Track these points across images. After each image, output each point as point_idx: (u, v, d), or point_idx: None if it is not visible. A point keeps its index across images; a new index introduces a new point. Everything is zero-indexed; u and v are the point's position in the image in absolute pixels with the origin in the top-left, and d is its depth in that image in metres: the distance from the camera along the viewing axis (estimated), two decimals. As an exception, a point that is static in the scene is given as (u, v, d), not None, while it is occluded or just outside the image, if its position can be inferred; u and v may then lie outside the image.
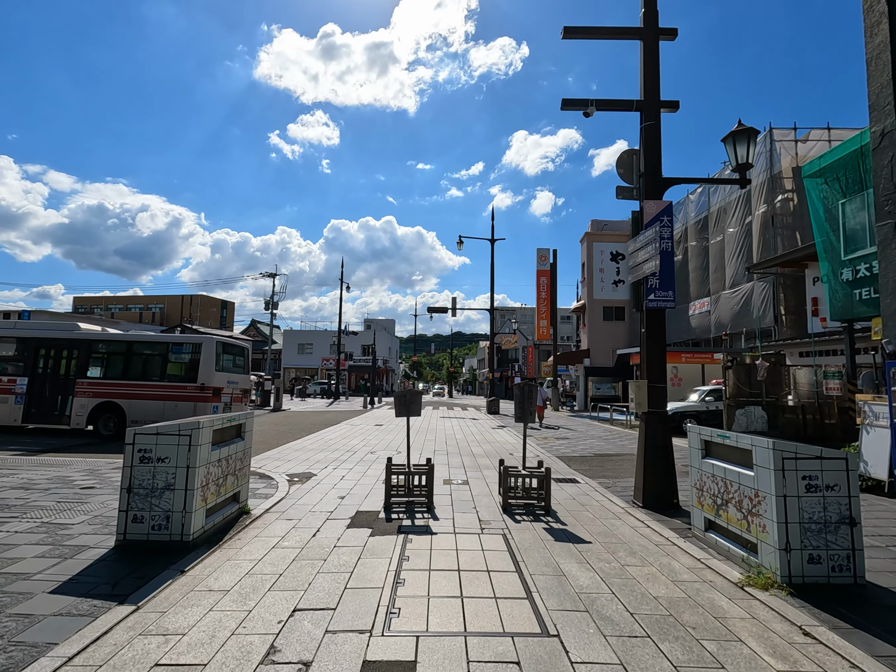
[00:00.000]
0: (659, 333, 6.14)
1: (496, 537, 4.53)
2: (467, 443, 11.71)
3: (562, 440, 12.67)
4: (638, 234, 6.27)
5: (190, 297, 79.60)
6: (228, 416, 4.75)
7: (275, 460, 8.60)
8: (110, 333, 12.29)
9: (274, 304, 51.53)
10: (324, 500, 5.78)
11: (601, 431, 15.02)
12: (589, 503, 5.98)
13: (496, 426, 16.70)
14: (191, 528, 4.05)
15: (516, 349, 60.17)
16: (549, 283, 27.15)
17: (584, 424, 17.60)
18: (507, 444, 11.56)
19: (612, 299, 28.02)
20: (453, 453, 9.87)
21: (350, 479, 7.12)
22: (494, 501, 5.90)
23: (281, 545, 4.21)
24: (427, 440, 12.07)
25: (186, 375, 11.52)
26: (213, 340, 11.78)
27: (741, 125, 6.30)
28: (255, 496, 5.92)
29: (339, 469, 7.87)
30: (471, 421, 18.83)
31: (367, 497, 5.99)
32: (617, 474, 7.99)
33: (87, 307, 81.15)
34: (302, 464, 8.30)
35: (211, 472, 4.39)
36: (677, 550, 4.28)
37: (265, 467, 7.89)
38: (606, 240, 28.29)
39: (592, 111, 6.36)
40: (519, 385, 5.87)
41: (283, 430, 13.83)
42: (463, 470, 8.03)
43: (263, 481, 6.79)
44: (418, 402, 5.84)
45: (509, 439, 12.68)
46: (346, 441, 11.52)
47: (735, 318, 18.42)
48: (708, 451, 4.52)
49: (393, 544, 4.27)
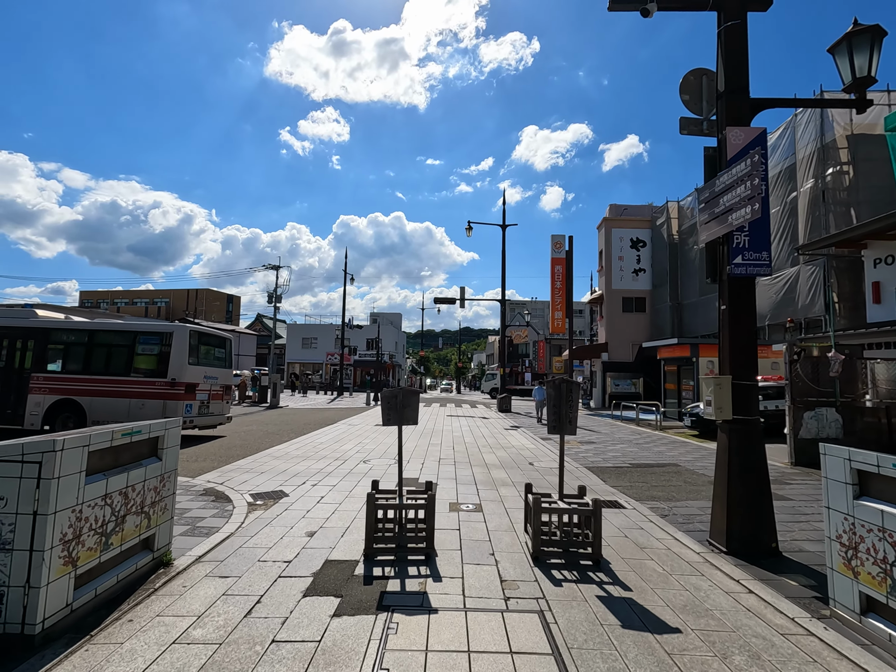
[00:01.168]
0: (747, 310, 4.45)
1: (529, 618, 2.93)
2: (478, 448, 10.11)
3: (586, 445, 11.01)
4: (716, 177, 4.58)
5: (195, 292, 78.71)
6: (125, 429, 3.18)
7: (245, 472, 7.08)
8: (69, 321, 10.84)
9: (277, 298, 50.37)
10: (285, 540, 4.22)
11: (628, 434, 13.33)
12: (649, 544, 4.35)
13: (509, 427, 15.09)
14: (38, 614, 2.50)
15: (526, 344, 58.38)
16: (564, 272, 25.32)
17: (606, 425, 15.91)
18: (524, 451, 9.94)
19: (632, 289, 26.15)
20: (462, 463, 8.28)
21: (329, 501, 5.55)
22: (519, 541, 4.29)
23: (189, 637, 2.64)
24: (431, 444, 10.50)
25: (155, 369, 10.04)
26: (186, 329, 10.28)
27: (858, 25, 4.58)
28: (193, 532, 4.37)
29: (320, 486, 6.31)
30: (481, 420, 17.23)
31: (346, 534, 4.42)
32: (669, 495, 6.34)
33: (93, 301, 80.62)
34: (276, 478, 6.76)
35: (88, 516, 2.84)
36: (825, 651, 2.65)
37: (229, 482, 6.36)
38: (626, 225, 26.39)
39: (653, 9, 4.67)
40: (554, 382, 4.25)
41: (271, 431, 12.34)
42: (474, 487, 6.43)
43: (215, 506, 5.25)
44: (414, 406, 4.24)
45: (526, 444, 11.06)
46: (338, 446, 9.98)
47: (775, 308, 16.57)
48: (866, 488, 2.87)
49: (367, 636, 2.69)
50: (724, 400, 4.30)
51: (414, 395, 4.24)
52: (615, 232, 26.33)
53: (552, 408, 4.25)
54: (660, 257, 25.24)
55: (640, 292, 26.17)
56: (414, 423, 4.24)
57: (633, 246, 26.28)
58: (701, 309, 21.97)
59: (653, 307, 25.81)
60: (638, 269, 26.24)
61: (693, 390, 14.56)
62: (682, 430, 13.83)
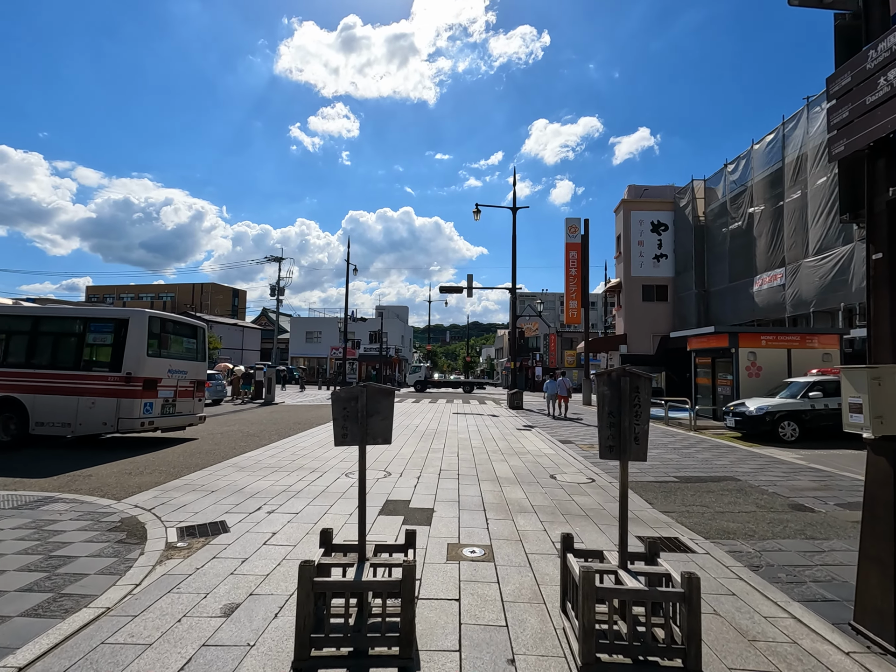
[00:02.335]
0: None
1: None
2: (487, 455, 8.53)
3: (615, 450, 9.38)
4: (865, 49, 2.91)
5: (200, 286, 77.90)
6: None
7: (191, 491, 5.57)
8: (11, 307, 9.42)
9: (280, 291, 49.10)
10: (182, 626, 2.66)
11: (659, 435, 11.66)
12: (761, 632, 2.73)
13: (522, 426, 13.48)
14: None
15: (537, 337, 56.58)
16: (579, 257, 23.55)
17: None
18: (542, 458, 8.34)
19: (652, 276, 24.30)
20: (467, 476, 6.72)
21: (280, 542, 4.00)
22: (552, 628, 2.70)
23: None
24: (433, 450, 8.94)
25: (109, 362, 8.59)
26: (145, 316, 8.79)
27: None
28: (46, 609, 2.86)
29: (278, 514, 4.77)
30: (490, 419, 15.65)
31: (285, 609, 2.86)
32: (745, 528, 4.70)
33: (99, 296, 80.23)
34: (227, 500, 5.24)
35: None
36: None
37: (161, 508, 4.86)
38: (647, 208, 24.50)
39: None
40: (610, 377, 2.65)
41: (251, 433, 10.86)
42: (482, 515, 4.85)
43: (117, 551, 3.72)
44: (386, 415, 2.65)
45: (544, 448, 9.45)
46: (321, 452, 8.46)
47: (822, 292, 14.74)
48: None
49: None
50: (889, 402, 2.66)
51: (384, 397, 2.66)
52: (634, 215, 24.48)
53: (606, 416, 2.65)
54: (684, 241, 23.35)
55: (662, 279, 24.32)
56: (385, 440, 2.66)
57: (654, 230, 24.41)
58: (731, 296, 20.11)
59: (675, 295, 23.95)
60: (659, 254, 24.38)
61: (732, 385, 12.82)
62: (721, 432, 12.11)
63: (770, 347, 12.75)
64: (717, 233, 21.39)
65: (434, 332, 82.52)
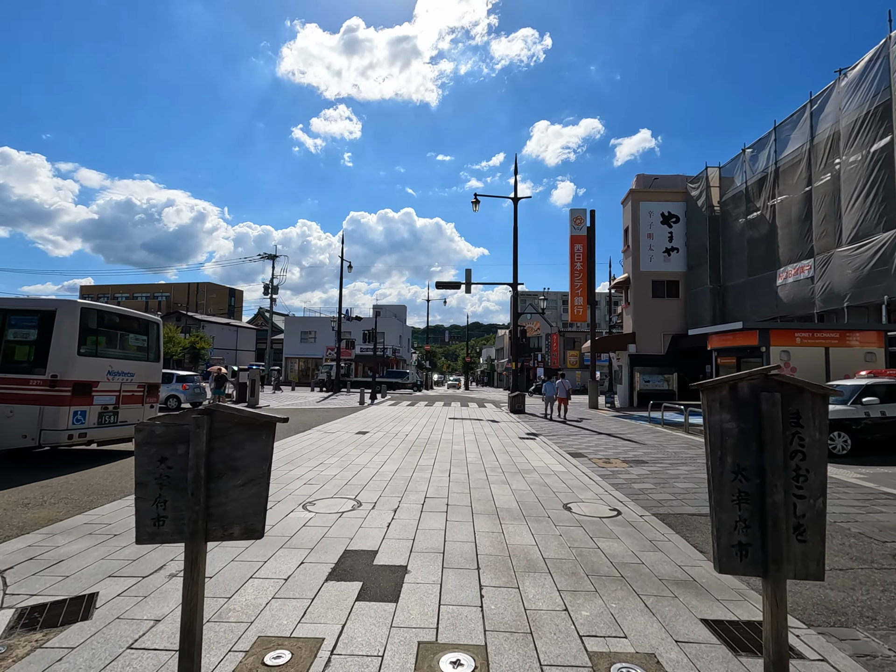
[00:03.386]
0: None
1: None
2: (485, 473, 7.10)
3: (637, 467, 7.94)
4: None
5: (196, 285, 76.49)
6: None
7: (86, 535, 4.16)
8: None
9: (274, 289, 47.76)
10: None
11: (683, 446, 10.23)
12: None
13: (525, 434, 12.06)
14: None
15: (538, 337, 55.13)
16: (585, 251, 22.12)
17: (646, 432, 12.82)
18: (550, 478, 6.91)
19: (663, 271, 22.85)
20: (459, 508, 5.29)
21: (158, 645, 2.59)
22: None
23: None
24: (420, 467, 7.52)
25: (30, 362, 7.19)
26: (76, 307, 7.38)
27: None
28: None
29: (179, 578, 3.36)
30: (489, 425, 14.23)
31: None
32: (853, 600, 3.25)
33: (93, 296, 78.87)
34: (127, 549, 3.82)
35: None
36: None
37: (39, 559, 3.44)
38: (656, 198, 23.05)
39: None
40: (736, 390, 1.23)
41: (215, 444, 9.49)
42: (475, 580, 3.42)
43: None
44: (256, 476, 1.25)
45: (552, 464, 8.03)
46: (286, 471, 7.04)
47: (858, 285, 13.28)
48: None
49: None
50: None
51: (250, 437, 1.24)
52: (643, 206, 23.04)
53: (730, 477, 1.22)
54: (696, 233, 21.90)
55: (673, 274, 22.88)
56: (248, 529, 1.25)
57: (665, 221, 22.98)
58: (750, 291, 18.66)
59: (688, 291, 22.52)
60: (670, 247, 22.94)
61: (763, 389, 11.37)
62: (752, 441, 10.68)
63: (805, 346, 11.31)
64: (733, 223, 19.94)
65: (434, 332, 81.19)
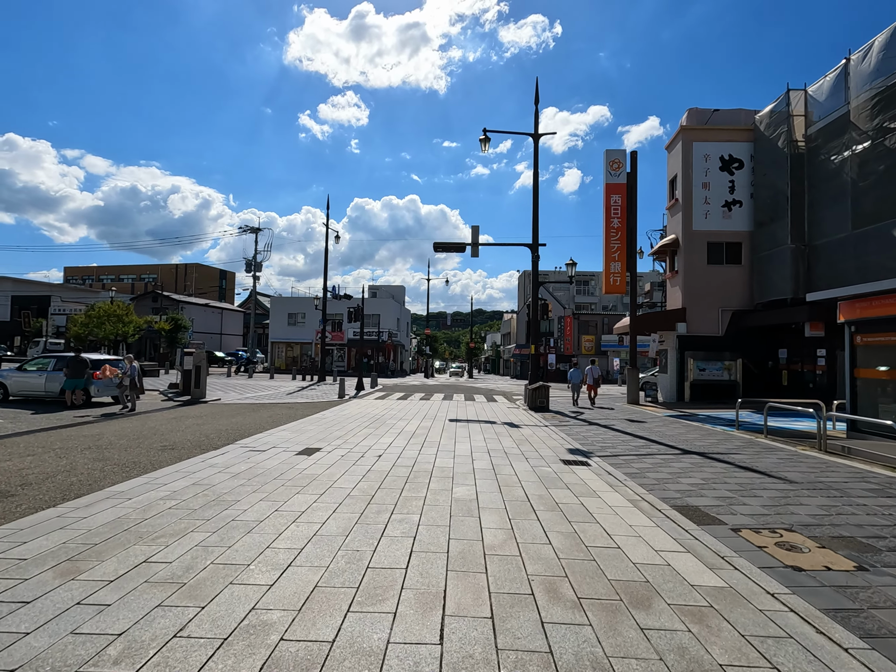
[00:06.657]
0: None
1: None
2: (534, 601, 2.62)
3: (855, 554, 3.42)
4: None
5: (184, 266, 72.25)
6: None
7: None
8: None
9: (257, 266, 43.05)
10: None
11: (806, 473, 5.72)
12: None
13: (567, 454, 7.57)
14: None
15: (550, 321, 50.42)
16: (623, 202, 17.43)
17: (743, 444, 8.27)
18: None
19: (722, 230, 18.11)
20: None
21: None
22: None
23: None
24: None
25: None
26: None
27: None
28: None
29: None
30: (506, 432, 9.78)
31: None
32: None
33: (77, 277, 74.85)
34: None
35: None
36: None
37: None
38: (715, 137, 18.21)
39: None
40: None
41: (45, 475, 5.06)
42: None
43: None
44: None
45: (655, 540, 3.50)
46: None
47: None
48: None
49: None
50: None
51: None
52: (697, 147, 18.22)
53: None
54: (770, 180, 17.09)
55: (735, 234, 18.14)
56: None
57: (725, 167, 18.16)
58: (853, 249, 13.96)
59: (754, 255, 17.79)
60: (731, 200, 18.16)
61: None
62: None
63: None
64: (826, 163, 15.18)
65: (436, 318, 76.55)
